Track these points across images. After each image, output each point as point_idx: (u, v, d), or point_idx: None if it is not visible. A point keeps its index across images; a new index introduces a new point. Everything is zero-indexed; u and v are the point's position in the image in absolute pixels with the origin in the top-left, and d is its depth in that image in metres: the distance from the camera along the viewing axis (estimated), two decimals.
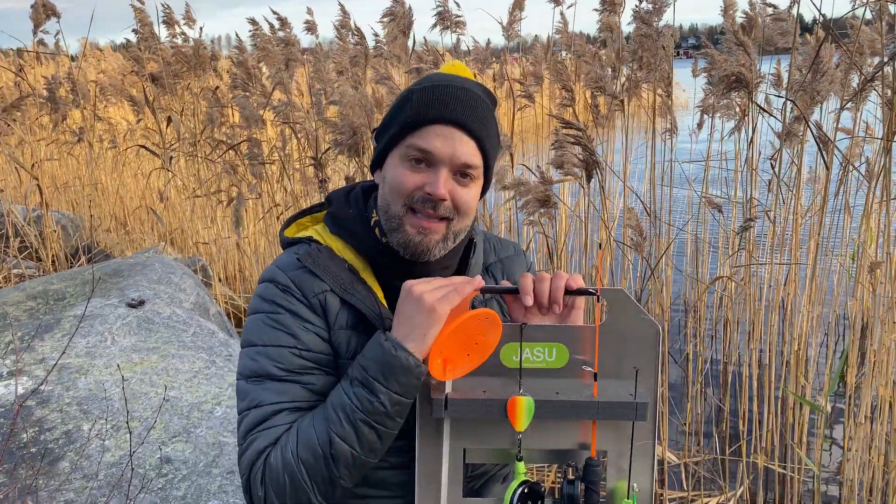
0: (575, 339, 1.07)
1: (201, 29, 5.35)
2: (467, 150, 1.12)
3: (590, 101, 4.43)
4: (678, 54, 3.96)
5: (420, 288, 1.03)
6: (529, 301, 1.06)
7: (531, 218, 2.84)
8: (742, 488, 3.05)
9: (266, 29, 4.82)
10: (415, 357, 1.01)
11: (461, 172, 1.13)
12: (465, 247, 1.30)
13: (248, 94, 4.68)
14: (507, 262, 1.36)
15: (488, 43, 5.32)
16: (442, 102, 1.11)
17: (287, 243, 1.26)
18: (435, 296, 1.01)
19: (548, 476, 3.20)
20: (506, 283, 1.16)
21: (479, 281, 1.05)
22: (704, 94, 3.61)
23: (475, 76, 1.26)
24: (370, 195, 1.26)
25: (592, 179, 2.91)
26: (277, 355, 1.12)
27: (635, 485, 1.08)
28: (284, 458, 1.05)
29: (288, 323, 1.13)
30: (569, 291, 1.08)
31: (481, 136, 1.13)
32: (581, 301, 1.14)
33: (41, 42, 5.36)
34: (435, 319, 1.01)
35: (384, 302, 1.18)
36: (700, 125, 3.83)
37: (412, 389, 1.04)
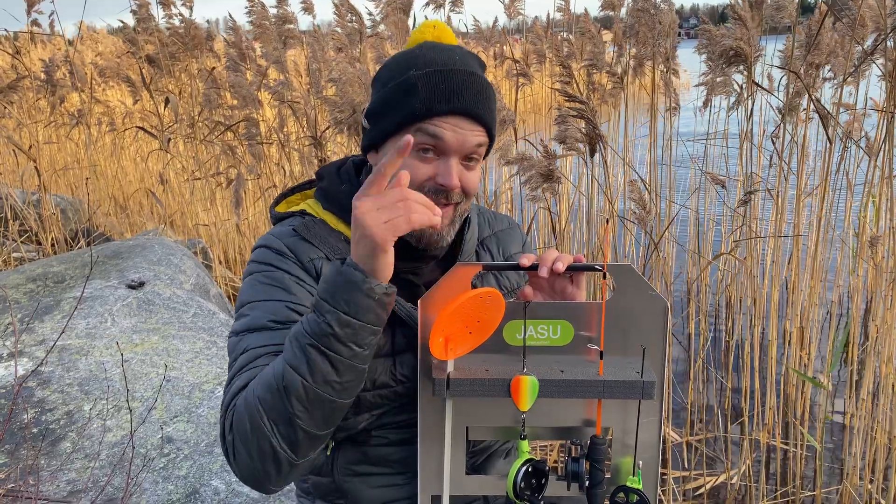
0: (580, 315, 1.05)
1: (191, 9, 5.28)
2: (476, 138, 1.10)
3: (586, 80, 4.39)
4: (679, 34, 3.92)
5: (364, 207, 0.93)
6: (545, 272, 1.01)
7: (534, 193, 2.81)
8: (745, 466, 3.06)
9: (261, 6, 4.76)
10: (363, 272, 0.93)
11: (467, 157, 1.11)
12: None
13: (238, 73, 4.63)
14: (501, 235, 1.34)
15: (495, 21, 5.27)
16: (451, 93, 1.07)
17: (278, 218, 1.24)
18: (379, 219, 0.92)
19: (550, 455, 3.21)
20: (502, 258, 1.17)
21: (437, 212, 0.96)
22: (706, 71, 3.57)
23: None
24: (362, 170, 1.24)
25: (595, 154, 2.88)
26: (271, 308, 1.09)
27: (640, 462, 1.07)
28: (247, 400, 0.98)
29: (282, 278, 1.12)
30: (575, 267, 1.06)
31: (487, 120, 1.11)
32: (583, 283, 1.12)
33: (35, 22, 5.30)
34: (376, 248, 0.92)
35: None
36: (705, 104, 3.79)
37: (364, 311, 0.94)
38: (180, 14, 5.31)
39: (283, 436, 0.96)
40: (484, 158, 1.19)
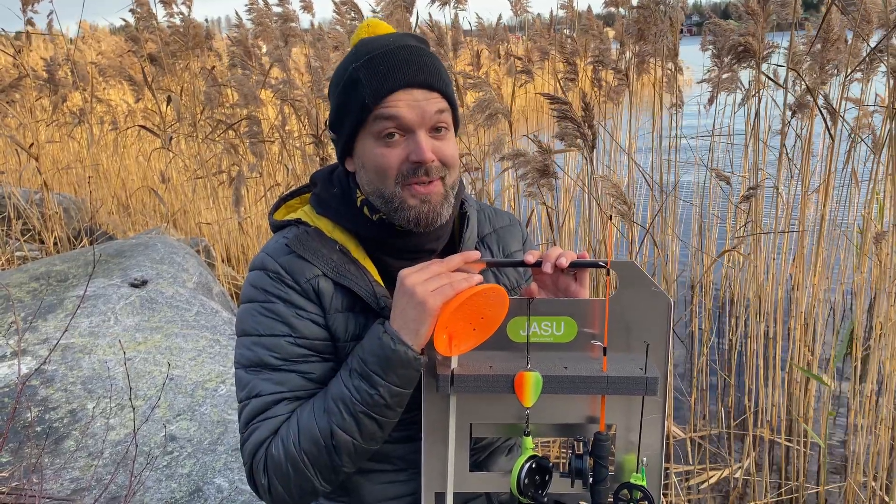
0: (584, 312, 1.05)
1: (189, 7, 5.27)
2: (434, 105, 1.09)
3: (591, 77, 4.39)
4: (681, 32, 3.91)
5: (412, 279, 1.00)
6: (549, 268, 1.04)
7: (530, 189, 2.81)
8: (748, 462, 3.06)
9: (263, 4, 4.75)
10: (413, 350, 1.00)
11: (434, 128, 1.10)
12: (457, 219, 1.27)
13: (246, 72, 4.62)
14: (502, 232, 1.34)
15: (499, 18, 5.24)
16: (391, 70, 1.07)
17: (276, 227, 1.24)
18: (427, 288, 0.99)
19: (550, 451, 3.21)
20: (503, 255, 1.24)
21: (477, 277, 1.02)
22: (712, 67, 3.56)
23: (477, 53, 1.21)
24: (349, 176, 1.23)
25: (594, 151, 2.88)
26: (273, 345, 1.11)
27: (644, 458, 1.06)
28: (286, 449, 1.06)
29: (281, 312, 1.12)
30: (578, 264, 1.05)
31: (439, 86, 1.10)
32: (587, 281, 1.11)
33: (30, 21, 5.29)
34: (426, 314, 0.98)
35: (379, 279, 1.16)
36: (711, 100, 3.78)
37: (412, 381, 1.03)
38: (181, 13, 5.31)
39: (325, 478, 1.08)
40: (456, 129, 1.18)
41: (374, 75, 1.07)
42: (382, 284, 1.15)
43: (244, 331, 1.14)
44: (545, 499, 1.04)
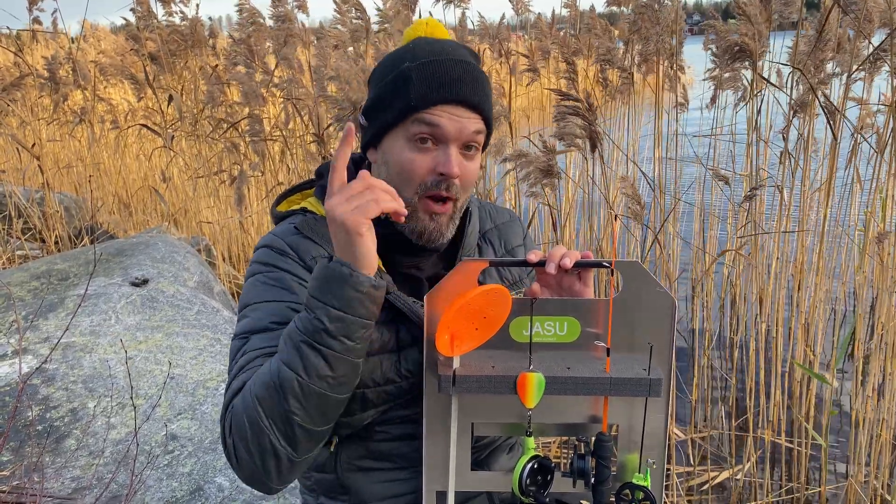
0: (587, 312, 1.05)
1: (198, 6, 5.27)
2: (473, 125, 1.10)
3: (598, 76, 4.38)
4: (683, 31, 3.91)
5: (332, 204, 0.96)
6: (553, 269, 1.01)
7: (533, 189, 2.81)
8: (749, 463, 3.05)
9: (257, 4, 4.75)
10: (349, 266, 0.95)
11: (466, 146, 1.11)
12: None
13: (250, 70, 4.62)
14: (503, 228, 1.35)
15: (502, 18, 5.24)
16: (445, 81, 1.08)
17: (280, 217, 1.24)
18: (347, 209, 0.95)
19: (550, 451, 3.20)
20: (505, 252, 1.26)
21: (400, 204, 0.99)
22: (712, 67, 3.56)
23: (480, 52, 1.22)
24: (359, 166, 1.24)
25: (596, 150, 2.88)
26: (272, 309, 1.09)
27: (650, 459, 1.06)
28: (245, 400, 0.99)
29: (283, 278, 1.12)
30: (582, 264, 1.05)
31: (484, 108, 1.12)
32: (591, 280, 1.11)
33: (36, 20, 5.30)
34: (352, 233, 0.95)
35: (382, 268, 1.16)
36: (713, 100, 3.78)
37: (354, 305, 0.96)
38: (181, 12, 5.30)
39: (281, 433, 0.97)
40: (483, 151, 1.19)
41: (428, 81, 1.08)
42: (386, 272, 1.15)
43: (245, 303, 1.13)
44: (547, 498, 1.03)
